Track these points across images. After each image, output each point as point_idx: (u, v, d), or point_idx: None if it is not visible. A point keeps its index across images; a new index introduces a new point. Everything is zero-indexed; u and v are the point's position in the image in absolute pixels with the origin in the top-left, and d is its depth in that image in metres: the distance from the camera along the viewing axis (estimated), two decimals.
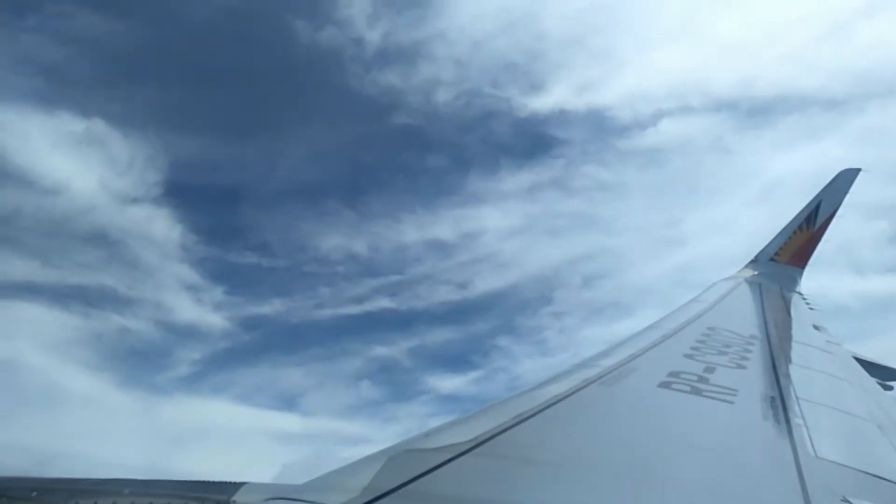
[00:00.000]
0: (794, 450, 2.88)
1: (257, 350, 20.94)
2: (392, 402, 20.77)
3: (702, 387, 3.78)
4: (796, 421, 3.36)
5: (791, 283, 10.43)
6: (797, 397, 3.88)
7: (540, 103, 25.06)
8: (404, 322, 22.75)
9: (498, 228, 25.29)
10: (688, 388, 3.72)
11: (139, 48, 21.28)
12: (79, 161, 20.29)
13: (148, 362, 19.17)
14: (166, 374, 18.68)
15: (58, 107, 20.62)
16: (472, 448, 2.53)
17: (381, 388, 20.89)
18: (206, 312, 19.93)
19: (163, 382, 18.51)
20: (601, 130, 26.54)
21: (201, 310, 19.89)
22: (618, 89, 25.95)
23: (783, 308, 8.58)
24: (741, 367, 4.53)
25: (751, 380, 4.27)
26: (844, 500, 2.37)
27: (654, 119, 26.13)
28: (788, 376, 4.50)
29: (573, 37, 25.26)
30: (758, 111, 26.73)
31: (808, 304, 9.52)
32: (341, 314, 21.76)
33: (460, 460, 2.41)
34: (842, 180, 10.96)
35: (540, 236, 25.70)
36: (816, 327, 7.48)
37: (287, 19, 22.82)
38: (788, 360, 5.24)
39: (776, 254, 11.04)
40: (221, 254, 21.74)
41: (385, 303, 22.15)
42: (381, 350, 21.66)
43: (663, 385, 3.76)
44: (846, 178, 10.96)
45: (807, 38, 25.93)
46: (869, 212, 20.27)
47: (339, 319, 21.69)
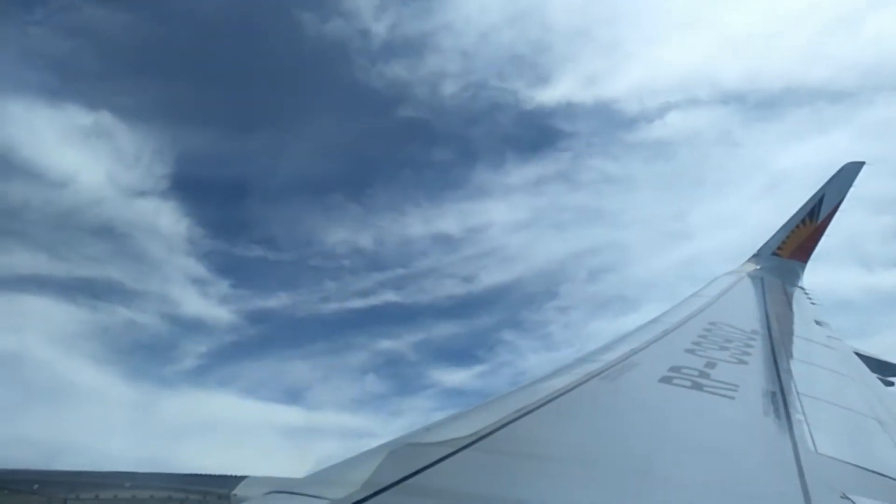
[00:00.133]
0: (795, 445, 2.88)
1: (263, 343, 21.00)
2: (397, 395, 20.80)
3: (703, 382, 3.78)
4: (797, 417, 3.35)
5: (793, 277, 10.40)
6: (798, 393, 3.88)
7: (546, 96, 24.89)
8: (410, 316, 22.74)
9: (504, 222, 25.19)
10: (689, 383, 3.72)
11: (146, 41, 21.18)
12: (86, 154, 20.26)
13: (154, 355, 19.25)
14: (172, 367, 18.75)
15: (65, 100, 20.56)
16: (473, 442, 2.53)
17: (387, 381, 20.93)
18: (212, 306, 19.98)
19: (169, 375, 18.59)
20: (608, 123, 26.34)
21: (207, 303, 19.93)
22: (625, 82, 25.76)
23: (785, 303, 8.57)
24: (742, 362, 4.53)
25: (752, 375, 4.27)
26: (844, 496, 2.37)
27: (661, 112, 25.93)
28: (789, 372, 4.49)
29: (580, 29, 25.04)
30: (765, 104, 26.49)
31: (809, 298, 9.49)
32: (347, 308, 21.77)
33: (461, 455, 2.41)
34: (845, 174, 10.90)
35: (546, 230, 25.60)
36: (818, 322, 7.47)
37: (293, 12, 22.70)
38: (790, 355, 5.24)
39: (778, 248, 11.00)
40: (228, 247, 21.74)
41: (390, 296, 22.14)
42: (386, 344, 21.69)
43: (664, 380, 3.76)
44: (850, 171, 10.89)
45: (815, 31, 25.67)
46: (876, 206, 20.15)
47: (344, 313, 21.70)
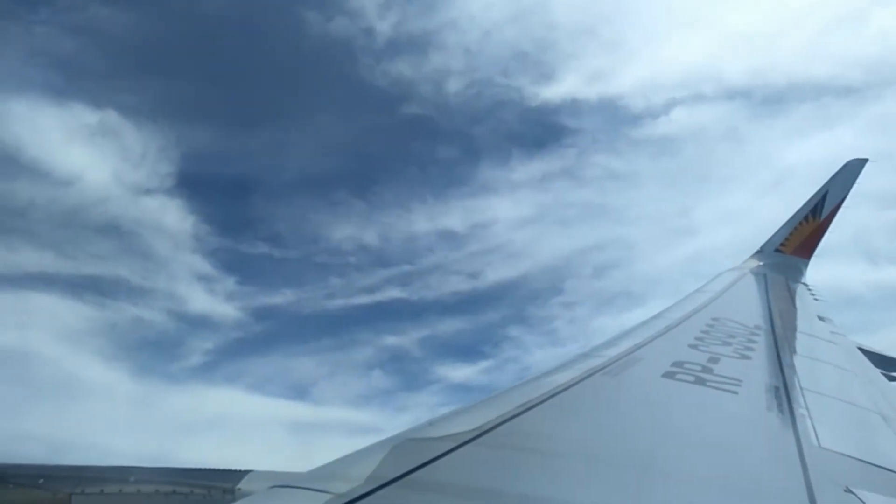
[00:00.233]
0: (798, 440, 2.88)
1: (269, 340, 21.11)
2: (403, 391, 20.89)
3: (706, 377, 3.78)
4: (800, 411, 3.35)
5: (796, 273, 10.39)
6: (801, 387, 3.88)
7: (551, 92, 24.84)
8: (415, 312, 22.80)
9: (509, 218, 25.19)
10: (692, 379, 3.72)
11: (151, 39, 21.21)
12: (92, 152, 20.34)
13: (161, 352, 19.37)
14: (179, 364, 18.86)
15: (71, 98, 20.62)
16: (476, 437, 2.53)
17: (392, 377, 21.00)
18: (218, 302, 20.06)
19: (176, 372, 18.71)
20: (612, 119, 26.26)
21: (214, 300, 20.02)
22: (630, 78, 25.67)
23: (788, 299, 8.56)
24: (745, 357, 4.53)
25: (755, 370, 4.27)
26: (848, 490, 2.37)
27: (667, 108, 25.82)
28: (793, 367, 4.49)
29: (585, 26, 24.95)
30: (771, 100, 26.35)
31: (813, 294, 9.49)
32: (352, 304, 21.84)
33: (464, 449, 2.41)
34: (849, 170, 10.88)
35: (551, 226, 25.59)
36: (821, 318, 7.46)
37: (297, 10, 22.71)
38: (793, 350, 5.23)
39: (781, 244, 10.99)
40: (234, 244, 21.82)
41: (396, 293, 22.19)
42: (392, 340, 21.76)
43: (667, 375, 3.76)
44: (853, 168, 10.87)
45: (820, 26, 25.48)
46: (882, 201, 20.05)
47: (350, 309, 21.78)
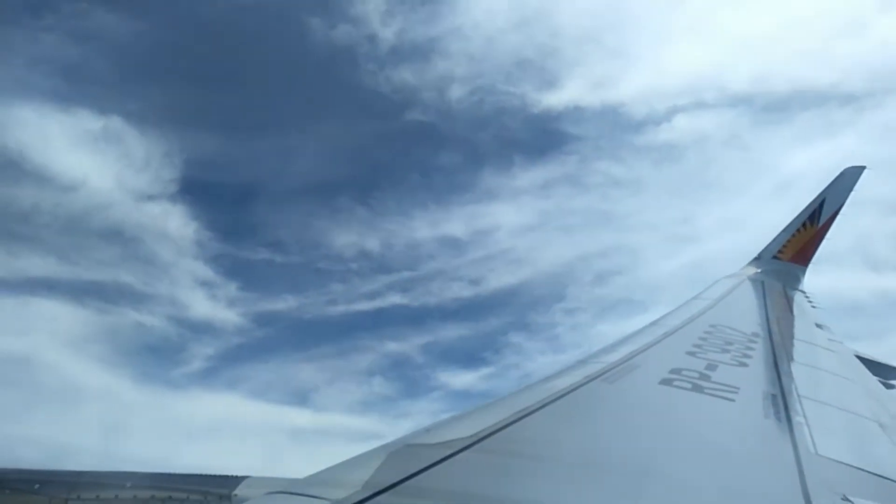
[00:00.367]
0: (795, 447, 2.88)
1: (270, 346, 21.08)
2: (404, 398, 20.85)
3: (703, 384, 3.78)
4: (797, 419, 3.36)
5: (794, 281, 10.41)
6: (799, 395, 3.88)
7: (554, 99, 24.92)
8: (417, 318, 22.78)
9: (511, 225, 25.22)
10: (689, 386, 3.72)
11: (156, 46, 21.29)
12: (96, 158, 20.39)
13: (162, 357, 19.34)
14: (181, 370, 18.84)
15: (75, 105, 20.68)
16: (474, 444, 2.53)
17: (394, 384, 20.97)
18: (220, 308, 20.06)
19: (177, 377, 18.68)
20: (615, 126, 26.33)
21: (215, 306, 20.01)
22: (632, 85, 25.75)
23: (785, 306, 8.57)
24: (743, 364, 4.53)
25: (752, 377, 4.27)
26: (845, 498, 2.37)
27: (669, 115, 25.90)
28: (790, 374, 4.49)
29: (588, 32, 25.05)
30: (774, 107, 26.42)
31: (810, 302, 9.50)
32: (354, 310, 21.83)
33: (461, 456, 2.41)
34: (846, 178, 10.90)
35: (553, 233, 25.62)
36: (819, 325, 7.47)
37: (301, 17, 22.79)
38: (790, 357, 5.24)
39: (779, 251, 11.01)
40: (235, 250, 21.83)
41: (397, 299, 22.19)
42: (393, 346, 21.73)
43: (665, 382, 3.76)
44: (851, 175, 10.90)
45: (823, 34, 25.56)
46: (885, 208, 20.09)
47: (351, 316, 21.76)
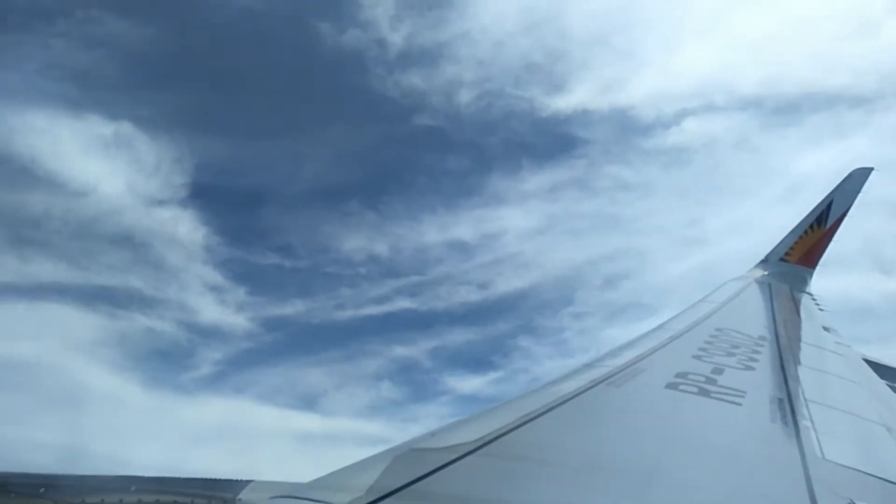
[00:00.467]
0: (802, 452, 2.86)
1: (279, 350, 21.16)
2: (412, 402, 20.84)
3: (709, 388, 3.76)
4: (804, 423, 3.33)
5: (801, 283, 10.34)
6: (805, 399, 3.86)
7: (562, 103, 24.91)
8: (425, 323, 22.83)
9: (519, 229, 25.22)
10: (695, 390, 3.71)
11: (166, 53, 21.55)
12: (107, 164, 20.60)
13: (172, 362, 19.47)
14: (190, 374, 18.93)
15: (87, 111, 20.93)
16: (478, 448, 2.53)
17: (402, 388, 20.98)
18: (228, 313, 20.19)
19: (186, 382, 18.77)
20: (624, 130, 26.30)
21: (224, 310, 20.14)
22: (641, 88, 25.70)
23: (792, 309, 8.51)
24: (749, 368, 4.50)
25: (759, 381, 4.25)
26: (852, 502, 2.35)
27: (678, 118, 25.83)
28: (797, 378, 4.46)
29: (596, 37, 25.04)
30: (784, 109, 26.27)
31: (817, 304, 9.43)
32: (362, 315, 21.90)
33: (466, 460, 2.41)
34: (854, 179, 10.84)
35: (561, 237, 25.58)
36: (826, 328, 7.42)
37: (311, 23, 22.93)
38: (797, 361, 5.20)
39: (786, 254, 10.95)
40: (244, 255, 21.96)
41: (406, 303, 22.25)
42: (401, 350, 21.77)
43: (671, 386, 3.75)
44: (858, 177, 10.84)
45: (833, 36, 25.45)
46: (894, 210, 19.86)
47: (359, 320, 21.83)
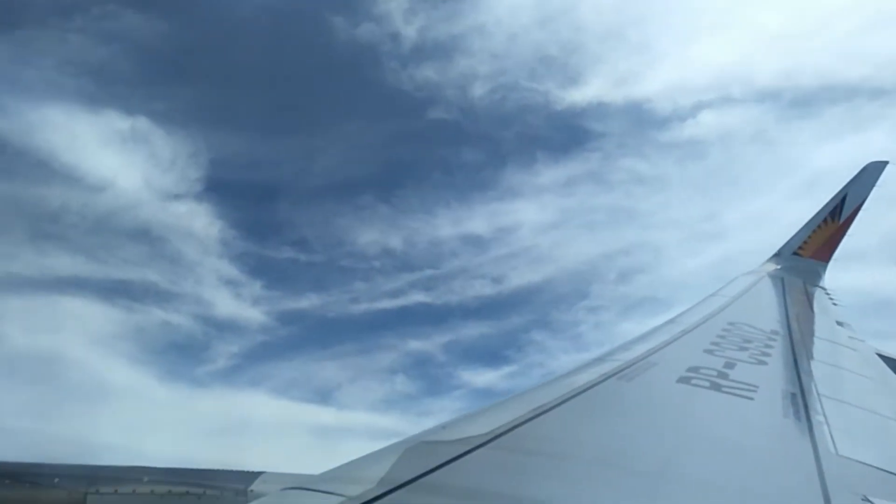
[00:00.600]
0: (815, 447, 2.84)
1: (294, 344, 21.42)
2: (426, 396, 21.02)
3: (721, 382, 3.74)
4: (817, 418, 3.31)
5: (814, 277, 10.25)
6: (819, 394, 3.82)
7: (577, 96, 24.72)
8: (439, 316, 22.89)
9: (534, 222, 25.15)
10: (707, 384, 3.68)
11: (182, 46, 21.67)
12: (123, 158, 20.89)
13: (188, 355, 19.80)
14: (205, 367, 19.24)
15: (103, 105, 21.16)
16: (490, 441, 2.53)
17: (416, 382, 21.15)
18: (244, 307, 20.42)
19: (202, 375, 19.09)
20: (639, 123, 25.99)
21: (240, 304, 20.38)
22: (657, 81, 25.40)
23: (806, 303, 8.44)
24: (762, 362, 4.47)
25: (771, 376, 4.21)
26: (865, 499, 2.33)
27: (694, 111, 25.48)
28: (810, 373, 4.42)
29: (612, 28, 24.79)
30: (801, 102, 25.87)
31: (831, 299, 9.34)
32: (377, 308, 22.03)
33: (477, 453, 2.41)
34: (869, 173, 10.72)
35: (576, 230, 25.49)
36: (839, 323, 7.35)
37: (325, 16, 23.01)
38: (810, 356, 5.16)
39: (800, 248, 10.84)
40: (260, 249, 22.18)
41: (420, 297, 22.33)
42: (415, 344, 21.91)
43: (682, 380, 3.73)
44: (873, 170, 10.71)
45: (852, 27, 24.97)
46: None
47: (374, 314, 21.97)
